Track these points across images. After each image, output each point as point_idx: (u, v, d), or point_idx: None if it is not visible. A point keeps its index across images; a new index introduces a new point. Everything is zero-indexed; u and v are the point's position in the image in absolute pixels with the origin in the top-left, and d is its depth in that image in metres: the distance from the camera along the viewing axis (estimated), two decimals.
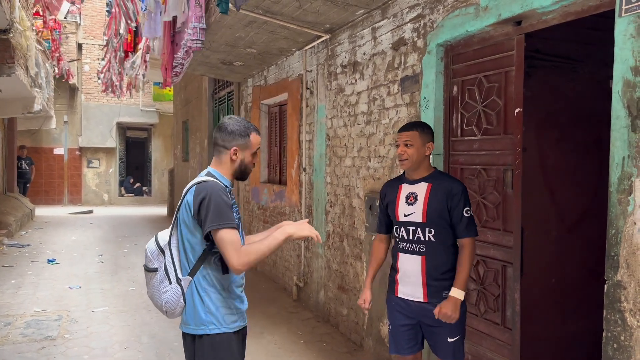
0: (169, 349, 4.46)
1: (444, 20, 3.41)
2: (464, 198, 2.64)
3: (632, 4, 2.12)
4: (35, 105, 9.75)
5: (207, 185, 2.15)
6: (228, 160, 2.28)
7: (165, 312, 2.25)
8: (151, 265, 2.24)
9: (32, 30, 8.19)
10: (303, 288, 5.79)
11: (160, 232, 2.32)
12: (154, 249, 2.25)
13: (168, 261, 2.22)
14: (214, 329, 2.18)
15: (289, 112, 6.21)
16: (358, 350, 4.45)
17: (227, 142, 2.27)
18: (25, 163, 15.50)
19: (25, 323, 5.08)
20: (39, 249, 9.29)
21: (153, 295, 2.25)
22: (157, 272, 2.22)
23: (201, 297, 2.18)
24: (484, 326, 3.25)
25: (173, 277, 2.20)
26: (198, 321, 2.18)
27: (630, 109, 2.13)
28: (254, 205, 7.64)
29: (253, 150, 2.32)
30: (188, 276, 2.19)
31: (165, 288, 2.20)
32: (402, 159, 2.70)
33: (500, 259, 3.13)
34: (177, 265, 2.21)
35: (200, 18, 4.84)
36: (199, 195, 2.12)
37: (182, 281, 2.19)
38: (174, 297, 2.19)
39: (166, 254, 2.23)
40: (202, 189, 2.14)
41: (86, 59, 18.40)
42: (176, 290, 2.19)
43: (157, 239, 2.27)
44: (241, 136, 2.27)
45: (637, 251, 2.08)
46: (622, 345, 2.13)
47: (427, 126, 2.78)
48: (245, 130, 2.29)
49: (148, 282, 2.27)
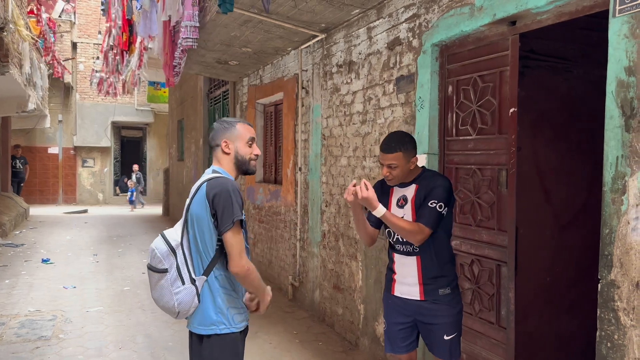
0: (164, 349, 4.45)
1: (439, 20, 3.42)
2: (439, 192, 2.55)
3: (625, 5, 2.13)
4: (30, 104, 9.70)
5: (219, 182, 2.17)
6: (222, 155, 2.30)
7: (176, 313, 2.20)
8: (160, 266, 2.17)
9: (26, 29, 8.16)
10: (298, 288, 5.79)
11: (167, 230, 2.27)
12: (165, 248, 2.19)
13: (181, 261, 2.18)
14: (224, 329, 2.18)
15: (285, 111, 6.20)
16: (353, 349, 4.46)
17: (216, 139, 2.31)
18: (19, 162, 15.42)
19: (19, 323, 5.05)
20: (33, 249, 9.25)
21: (162, 296, 2.19)
22: (168, 273, 2.17)
23: (213, 297, 2.18)
24: (478, 325, 3.26)
25: (187, 277, 2.17)
26: (208, 321, 2.18)
27: (623, 108, 2.14)
28: (249, 205, 7.64)
29: (245, 139, 2.31)
30: (202, 276, 2.18)
31: (177, 289, 2.16)
32: (388, 179, 2.67)
33: (495, 259, 3.14)
34: (190, 265, 2.19)
35: (193, 16, 4.82)
36: (212, 191, 2.13)
37: (197, 281, 2.18)
38: (188, 298, 2.16)
39: (178, 254, 2.19)
40: (214, 185, 2.15)
41: (81, 58, 18.33)
42: (191, 290, 2.16)
43: (166, 238, 2.22)
44: (226, 129, 2.31)
45: (631, 250, 2.09)
46: (616, 344, 2.14)
47: (410, 141, 2.66)
48: (230, 123, 2.33)
49: (155, 284, 2.20)
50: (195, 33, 4.87)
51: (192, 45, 4.92)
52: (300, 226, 5.73)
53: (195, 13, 4.82)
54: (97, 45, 18.01)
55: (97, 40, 18.02)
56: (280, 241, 6.41)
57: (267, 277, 6.90)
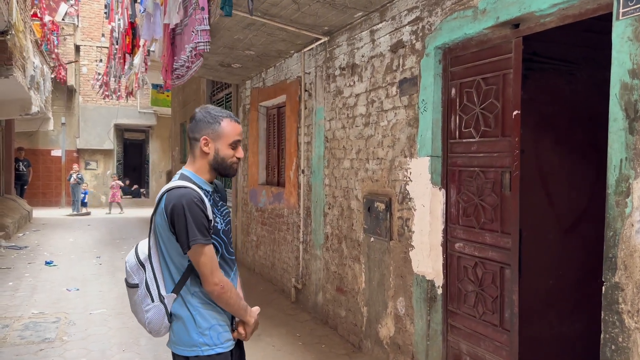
0: (167, 351, 4.44)
1: (442, 23, 3.43)
2: None
3: (629, 7, 2.13)
4: (33, 107, 9.73)
5: (177, 194, 1.90)
6: (200, 153, 2.01)
7: (149, 332, 2.04)
8: (131, 281, 2.01)
9: (30, 32, 8.19)
10: (301, 290, 5.79)
11: (141, 241, 2.08)
12: (134, 262, 2.01)
13: (149, 276, 1.98)
14: (207, 350, 1.97)
15: (287, 114, 6.21)
16: (356, 352, 4.45)
17: (195, 132, 2.01)
18: (22, 165, 15.46)
19: (23, 325, 5.06)
20: (37, 251, 9.26)
21: (136, 312, 2.03)
22: (138, 288, 1.98)
23: (192, 315, 1.97)
24: (482, 328, 3.26)
25: (155, 294, 1.96)
26: (189, 342, 1.98)
27: (627, 111, 2.14)
28: (252, 207, 7.64)
29: (229, 140, 2.01)
30: (172, 293, 1.97)
31: (147, 306, 1.97)
32: None
33: (498, 261, 3.14)
34: (160, 281, 1.98)
35: (203, 20, 4.84)
36: (169, 205, 1.89)
37: (166, 299, 1.96)
38: (157, 317, 1.97)
39: (147, 268, 1.99)
40: (171, 199, 1.90)
41: (84, 61, 18.39)
42: (159, 309, 1.96)
43: (137, 251, 2.04)
44: (209, 123, 1.99)
45: (635, 253, 2.09)
46: (620, 346, 2.14)
47: None
48: (215, 117, 2.00)
49: (130, 298, 2.04)
50: (206, 36, 4.88)
51: (204, 49, 4.94)
52: (303, 228, 5.73)
53: (205, 17, 4.84)
54: (100, 48, 18.10)
55: (100, 43, 18.10)
56: (283, 243, 6.41)
57: (270, 280, 6.90)
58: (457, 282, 3.44)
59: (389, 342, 4.03)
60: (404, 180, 3.85)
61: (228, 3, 4.12)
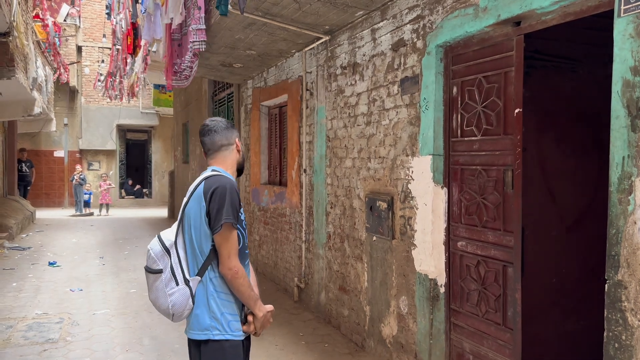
0: (171, 351, 4.46)
1: (443, 21, 3.42)
2: None
3: (631, 4, 2.13)
4: (36, 108, 9.75)
5: (220, 180, 2.13)
6: (235, 154, 2.31)
7: (171, 315, 2.14)
8: (155, 267, 2.13)
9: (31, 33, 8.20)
10: (304, 289, 5.79)
11: (163, 231, 2.23)
12: (159, 249, 2.15)
13: (174, 261, 2.13)
14: (217, 334, 2.10)
15: (289, 113, 6.21)
16: (359, 351, 4.45)
17: (229, 138, 2.30)
18: (25, 166, 15.50)
19: (26, 326, 5.08)
20: (40, 252, 9.29)
21: (157, 298, 2.14)
22: (162, 274, 2.12)
23: (207, 300, 2.11)
24: (485, 326, 3.26)
25: (180, 278, 2.12)
26: (202, 326, 2.11)
27: (629, 108, 2.13)
28: (255, 207, 7.65)
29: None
30: (197, 276, 2.12)
31: (171, 290, 2.10)
32: None
33: (501, 259, 3.13)
34: (185, 266, 2.14)
35: (200, 19, 4.84)
36: (210, 187, 2.09)
37: (191, 282, 2.12)
38: (182, 299, 2.10)
39: (172, 254, 2.14)
40: (214, 182, 2.11)
41: (86, 62, 18.42)
42: (184, 291, 2.11)
43: (161, 238, 2.18)
44: (232, 128, 2.33)
45: (638, 251, 2.08)
46: (624, 344, 2.13)
47: None
48: (230, 124, 2.35)
49: (151, 285, 2.16)
50: (202, 35, 4.89)
51: (199, 49, 4.94)
52: (305, 228, 5.74)
53: (202, 16, 4.84)
54: (102, 49, 18.12)
55: (102, 44, 18.11)
56: (285, 243, 6.41)
57: (272, 279, 6.91)
58: (460, 280, 3.44)
59: (391, 341, 4.03)
60: (405, 179, 3.84)
61: (224, 2, 4.12)
